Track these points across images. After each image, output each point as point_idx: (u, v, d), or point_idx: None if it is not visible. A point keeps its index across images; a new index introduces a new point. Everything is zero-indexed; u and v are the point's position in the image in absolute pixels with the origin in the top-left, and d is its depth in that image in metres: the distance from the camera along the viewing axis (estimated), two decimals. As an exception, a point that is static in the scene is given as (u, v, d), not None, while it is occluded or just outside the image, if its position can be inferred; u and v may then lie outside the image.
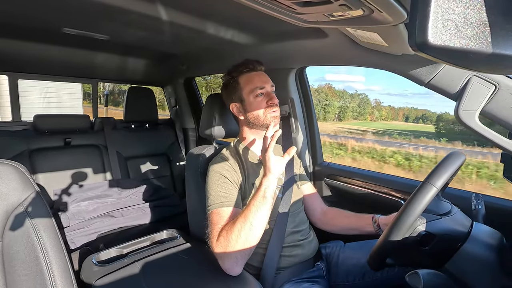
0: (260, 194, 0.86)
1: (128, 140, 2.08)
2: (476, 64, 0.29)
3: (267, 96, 1.01)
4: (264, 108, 1.01)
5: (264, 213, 0.85)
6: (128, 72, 2.05)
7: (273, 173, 0.88)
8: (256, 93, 1.01)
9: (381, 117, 40.14)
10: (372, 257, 0.79)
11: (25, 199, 0.65)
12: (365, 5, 0.52)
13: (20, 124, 1.77)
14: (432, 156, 8.09)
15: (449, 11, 0.26)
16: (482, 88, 0.74)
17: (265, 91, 1.02)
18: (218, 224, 0.88)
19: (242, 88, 1.03)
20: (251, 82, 1.02)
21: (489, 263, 0.67)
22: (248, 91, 1.02)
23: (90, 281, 0.86)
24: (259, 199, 0.85)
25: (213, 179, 0.96)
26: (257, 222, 0.83)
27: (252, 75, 1.03)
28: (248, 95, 1.02)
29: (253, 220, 0.83)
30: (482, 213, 0.84)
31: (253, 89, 1.01)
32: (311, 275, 1.01)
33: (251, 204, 0.85)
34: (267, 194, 0.86)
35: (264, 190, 0.86)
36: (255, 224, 0.83)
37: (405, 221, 0.68)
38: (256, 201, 0.85)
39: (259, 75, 1.04)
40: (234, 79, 1.05)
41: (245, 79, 1.03)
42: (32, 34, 1.28)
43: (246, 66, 1.04)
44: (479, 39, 0.26)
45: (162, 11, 0.99)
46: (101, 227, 1.47)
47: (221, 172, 0.96)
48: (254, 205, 0.84)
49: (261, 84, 1.01)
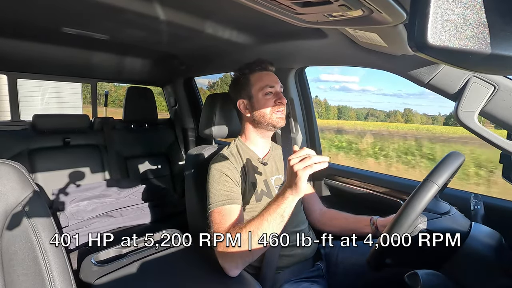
0: (278, 212, 0.78)
1: (127, 140, 2.08)
2: (476, 65, 0.29)
3: (276, 96, 1.02)
4: (271, 107, 1.01)
5: (276, 230, 0.79)
6: (127, 72, 2.04)
7: (300, 195, 0.78)
8: (265, 91, 1.02)
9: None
10: (371, 257, 0.79)
11: (24, 198, 0.65)
12: (364, 6, 0.52)
13: (19, 123, 1.77)
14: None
15: (449, 12, 0.26)
16: (481, 88, 0.75)
17: (274, 91, 1.03)
18: (221, 223, 0.87)
19: (252, 85, 1.04)
20: (261, 80, 1.03)
21: (488, 263, 0.67)
22: (258, 89, 1.03)
23: (89, 281, 0.86)
24: (276, 216, 0.78)
25: (214, 178, 0.95)
26: (267, 237, 0.79)
27: (263, 74, 1.05)
28: (257, 92, 1.03)
29: (263, 234, 0.78)
30: (481, 214, 0.84)
31: (263, 87, 1.02)
32: (310, 274, 1.01)
33: (265, 218, 0.79)
34: (286, 214, 0.78)
35: (284, 209, 0.78)
36: (265, 238, 0.79)
37: (406, 218, 0.68)
38: (271, 216, 0.78)
39: (270, 75, 1.05)
40: (245, 76, 1.06)
41: (256, 77, 1.04)
42: (31, 34, 1.27)
43: (259, 64, 1.05)
44: (479, 39, 0.27)
45: (162, 11, 0.99)
46: (100, 227, 1.47)
47: (223, 170, 0.96)
48: (268, 220, 0.78)
49: (271, 83, 1.02)
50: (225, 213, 0.88)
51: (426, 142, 6.60)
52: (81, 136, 1.89)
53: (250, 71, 1.06)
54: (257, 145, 1.08)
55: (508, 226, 0.79)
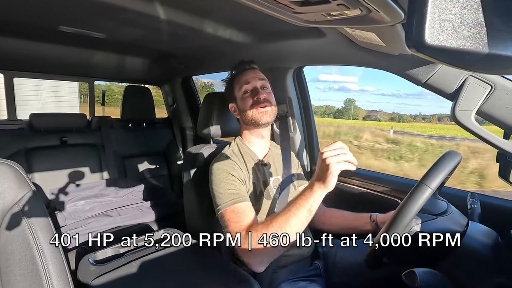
0: (306, 206, 0.76)
1: (125, 139, 2.07)
2: (473, 64, 0.29)
3: (253, 92, 1.02)
4: (251, 103, 1.02)
5: (303, 225, 0.77)
6: (125, 71, 2.03)
7: (329, 189, 0.76)
8: (243, 89, 1.03)
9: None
10: (369, 256, 0.79)
11: (21, 198, 0.64)
12: (362, 5, 0.52)
13: (16, 123, 1.75)
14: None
15: (446, 12, 0.27)
16: (478, 88, 0.75)
17: (251, 87, 1.03)
18: (238, 221, 0.85)
19: (234, 88, 1.07)
20: (239, 80, 1.05)
21: (484, 262, 0.68)
22: (237, 90, 1.05)
23: (87, 281, 0.86)
24: (303, 211, 0.76)
25: (220, 178, 0.94)
26: (292, 232, 0.77)
27: (242, 74, 1.06)
28: (238, 93, 1.05)
29: (289, 229, 0.76)
30: (477, 212, 0.84)
31: (241, 87, 1.04)
32: (308, 274, 1.01)
33: (292, 213, 0.77)
34: (313, 208, 0.76)
35: (312, 203, 0.76)
36: (290, 233, 0.77)
37: (400, 222, 0.68)
38: (298, 211, 0.76)
39: (248, 73, 1.06)
40: (229, 80, 1.10)
41: (237, 78, 1.07)
42: (28, 32, 1.26)
43: (238, 67, 1.08)
44: (476, 39, 0.27)
45: (160, 10, 0.98)
46: (98, 227, 1.46)
47: (228, 170, 0.95)
48: (295, 215, 0.76)
49: (247, 80, 1.03)
50: (240, 211, 0.87)
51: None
52: (79, 135, 1.88)
53: (234, 75, 1.09)
54: (256, 146, 1.08)
55: (504, 225, 0.79)
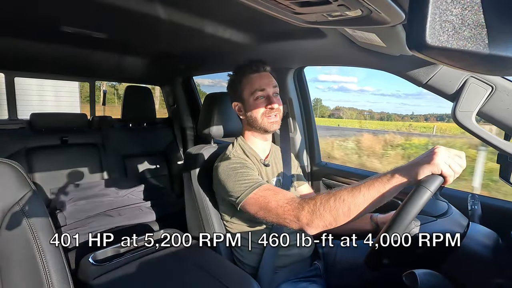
0: (380, 191, 0.69)
1: (125, 139, 2.08)
2: (473, 65, 0.29)
3: (267, 100, 1.00)
4: (263, 111, 1.00)
5: (367, 211, 0.72)
6: (126, 71, 2.04)
7: (413, 184, 0.68)
8: (256, 95, 0.99)
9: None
10: (369, 257, 0.79)
11: (22, 198, 0.65)
12: (363, 6, 0.52)
13: (17, 122, 1.76)
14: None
15: (447, 13, 0.27)
16: (479, 89, 0.75)
17: (265, 94, 1.00)
18: (279, 193, 0.83)
19: (243, 89, 1.02)
20: (252, 83, 1.00)
21: (485, 263, 0.67)
22: (248, 93, 1.01)
23: (87, 280, 0.86)
24: (374, 193, 0.70)
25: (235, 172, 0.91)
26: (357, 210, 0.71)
27: (255, 76, 1.01)
28: (248, 96, 1.01)
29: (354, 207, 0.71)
30: (478, 213, 0.84)
31: (253, 91, 1.00)
32: (308, 274, 1.01)
33: (361, 192, 0.71)
34: (387, 195, 0.69)
35: (387, 189, 0.69)
36: (354, 211, 0.72)
37: (399, 224, 0.68)
38: (369, 192, 0.70)
39: (261, 77, 1.01)
40: (237, 78, 1.04)
41: (248, 79, 1.02)
42: (29, 32, 1.27)
43: (250, 67, 1.02)
44: (476, 40, 0.27)
45: (161, 10, 0.98)
46: (98, 226, 1.46)
47: (241, 164, 0.94)
48: (364, 195, 0.70)
49: (261, 86, 0.99)
50: (270, 188, 0.85)
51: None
52: (79, 135, 1.88)
53: (242, 73, 1.03)
54: (258, 146, 1.08)
55: (505, 226, 0.79)
